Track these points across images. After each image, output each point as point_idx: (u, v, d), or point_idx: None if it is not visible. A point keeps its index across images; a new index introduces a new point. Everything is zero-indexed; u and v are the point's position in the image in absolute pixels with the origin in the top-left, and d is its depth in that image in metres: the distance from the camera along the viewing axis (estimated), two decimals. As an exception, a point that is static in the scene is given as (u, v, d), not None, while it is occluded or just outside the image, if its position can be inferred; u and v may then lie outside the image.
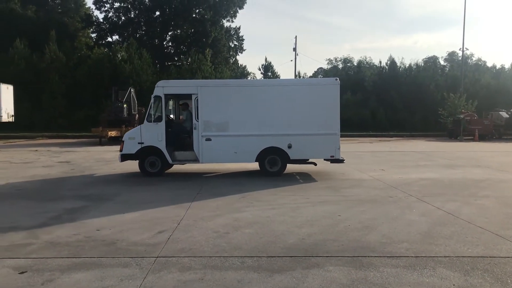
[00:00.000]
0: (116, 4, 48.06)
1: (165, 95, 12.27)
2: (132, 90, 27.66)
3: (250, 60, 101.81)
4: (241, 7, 49.68)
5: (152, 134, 12.20)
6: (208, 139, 12.20)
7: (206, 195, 9.76)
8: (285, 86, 12.74)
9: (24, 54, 36.99)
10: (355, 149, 21.48)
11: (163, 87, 12.27)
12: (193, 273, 5.08)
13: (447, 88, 38.47)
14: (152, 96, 12.15)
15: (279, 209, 8.30)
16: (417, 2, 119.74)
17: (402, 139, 30.27)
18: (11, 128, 31.40)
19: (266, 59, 46.88)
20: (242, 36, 51.69)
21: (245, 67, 50.54)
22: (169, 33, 49.82)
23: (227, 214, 7.89)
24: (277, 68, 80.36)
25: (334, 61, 57.82)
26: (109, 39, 49.10)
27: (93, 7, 49.25)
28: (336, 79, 12.59)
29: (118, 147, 21.46)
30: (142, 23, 48.74)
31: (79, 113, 34.98)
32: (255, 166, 12.98)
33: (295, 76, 46.15)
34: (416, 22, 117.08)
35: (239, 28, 51.34)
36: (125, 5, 48.03)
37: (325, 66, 63.14)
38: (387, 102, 40.07)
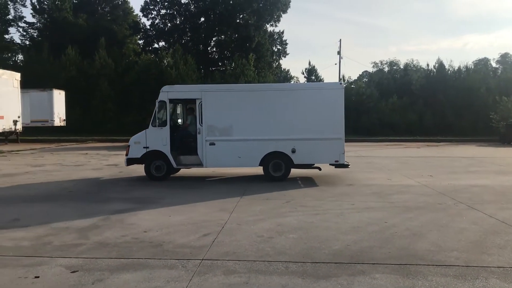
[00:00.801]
0: (163, 11, 49.23)
1: (170, 100, 12.43)
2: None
3: (293, 64, 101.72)
4: (284, 12, 49.74)
5: (157, 138, 12.37)
6: (212, 144, 12.31)
7: (249, 199, 9.79)
8: (289, 91, 12.85)
9: (76, 61, 38.48)
10: (402, 154, 20.98)
11: (168, 92, 12.43)
12: (238, 277, 5.11)
13: (499, 92, 36.90)
14: (157, 101, 12.39)
15: (323, 215, 8.21)
16: (467, 1, 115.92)
17: (451, 144, 29.31)
18: (63, 132, 32.75)
19: (309, 62, 46.94)
20: (286, 40, 51.76)
21: (288, 71, 50.58)
22: (214, 39, 50.51)
23: (271, 219, 7.88)
24: (321, 72, 79.74)
25: (379, 64, 56.89)
26: (156, 45, 50.34)
27: (140, 14, 50.67)
28: (340, 83, 12.61)
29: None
30: (187, 29, 49.67)
31: (126, 117, 35.98)
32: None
33: (339, 79, 45.70)
34: (466, 22, 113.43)
35: (282, 32, 51.43)
36: (171, 12, 49.12)
37: (370, 69, 62.27)
38: (434, 106, 38.91)
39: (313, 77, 42.33)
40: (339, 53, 48.92)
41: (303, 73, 43.21)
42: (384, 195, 10.31)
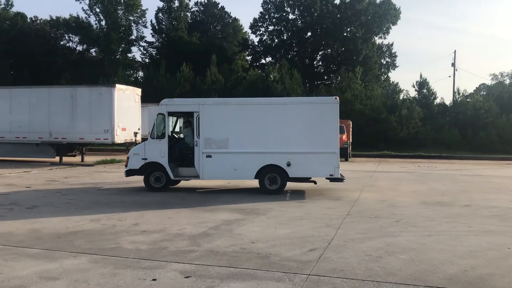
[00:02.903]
0: (271, 28, 50.52)
1: (169, 112, 12.68)
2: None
3: (403, 76, 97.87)
4: (394, 23, 48.32)
5: (155, 150, 12.60)
6: (209, 156, 12.37)
7: (357, 216, 9.55)
8: (285, 105, 12.88)
9: (189, 77, 40.83)
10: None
11: (166, 105, 12.71)
12: (346, 295, 4.99)
13: None
14: (156, 113, 12.72)
15: (437, 236, 7.74)
16: None
17: None
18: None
19: (421, 75, 44.48)
20: (395, 52, 50.19)
21: (397, 84, 48.78)
22: (320, 53, 50.62)
23: (379, 238, 7.61)
24: (433, 85, 75.86)
25: (499, 76, 52.64)
26: (263, 60, 51.79)
27: (249, 31, 52.49)
28: (336, 98, 12.62)
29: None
30: (294, 44, 50.39)
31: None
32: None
33: (454, 93, 43.08)
34: None
35: (391, 45, 49.99)
36: (278, 28, 50.22)
37: (488, 81, 57.86)
38: None
39: (425, 90, 40.33)
40: (453, 64, 46.14)
41: (413, 86, 41.41)
42: (507, 218, 9.45)
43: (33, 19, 50.78)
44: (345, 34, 48.08)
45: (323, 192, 12.98)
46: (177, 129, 14.17)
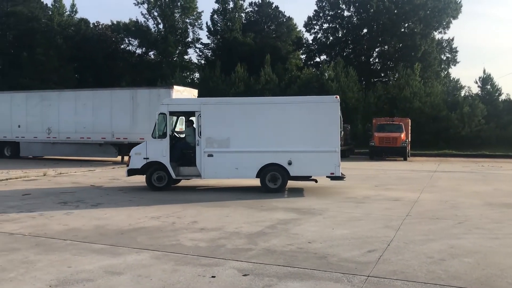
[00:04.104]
0: (325, 25, 49.97)
1: (170, 112, 12.66)
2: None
3: (465, 72, 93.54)
4: (455, 17, 46.37)
5: (156, 149, 12.59)
6: (210, 155, 12.42)
7: (417, 217, 9.27)
8: (285, 104, 13.03)
9: (243, 77, 41.18)
10: None
11: (168, 105, 12.78)
12: (407, 298, 4.86)
13: None
14: (157, 113, 12.69)
15: (504, 239, 7.37)
16: None
17: None
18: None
19: (484, 71, 42.36)
20: (456, 47, 48.13)
21: (458, 81, 46.82)
22: (376, 49, 49.50)
23: (442, 240, 7.35)
24: (498, 80, 72.23)
25: None
26: (317, 59, 51.32)
27: (303, 30, 52.20)
28: (336, 97, 12.61)
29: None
30: (349, 42, 49.60)
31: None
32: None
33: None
34: None
35: (452, 40, 47.97)
36: (333, 25, 49.60)
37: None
38: None
39: (489, 86, 38.48)
40: (520, 58, 43.67)
41: (476, 82, 39.61)
42: None
43: (96, 24, 53.12)
44: (402, 30, 46.70)
45: (380, 193, 12.70)
46: (177, 128, 14.23)
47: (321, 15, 49.77)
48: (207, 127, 12.57)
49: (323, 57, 50.67)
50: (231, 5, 52.32)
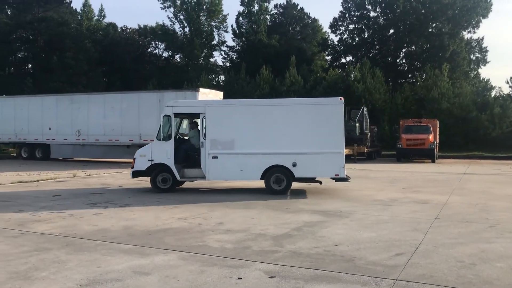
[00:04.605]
0: (351, 26, 49.57)
1: (174, 114, 12.71)
2: (364, 109, 27.97)
3: (495, 73, 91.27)
4: (485, 16, 45.33)
5: (161, 151, 12.62)
6: (215, 157, 12.46)
7: (446, 220, 9.09)
8: (290, 106, 13.09)
9: (268, 79, 41.17)
10: None
11: (172, 107, 12.79)
12: (437, 303, 4.77)
13: None
14: (162, 115, 12.73)
15: (538, 244, 7.16)
16: None
17: None
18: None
19: (515, 71, 41.44)
20: (486, 47, 47.05)
21: (488, 81, 45.81)
22: (403, 50, 48.82)
23: (472, 244, 7.19)
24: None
25: None
26: (343, 60, 50.95)
27: (329, 31, 51.93)
28: (340, 99, 12.55)
29: (350, 165, 21.94)
30: (375, 42, 49.06)
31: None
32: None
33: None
34: None
35: (482, 39, 46.92)
36: (359, 26, 49.16)
37: None
38: None
39: (520, 87, 37.50)
40: (553, 58, 42.41)
41: (507, 82, 38.77)
42: None
43: (123, 28, 54.11)
44: (430, 30, 45.92)
45: (408, 195, 12.51)
46: (181, 130, 14.22)
47: (346, 16, 49.40)
48: (212, 129, 12.62)
49: (349, 58, 50.33)
50: (256, 7, 52.44)
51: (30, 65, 53.38)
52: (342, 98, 12.75)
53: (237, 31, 52.94)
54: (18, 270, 5.92)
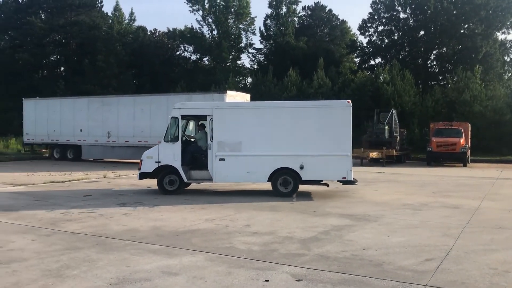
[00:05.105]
0: (380, 28, 49.00)
1: (182, 116, 12.76)
2: (394, 111, 27.58)
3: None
4: (519, 17, 44.10)
5: (168, 153, 12.64)
6: (222, 159, 12.44)
7: (478, 226, 8.87)
8: (297, 108, 12.98)
9: (296, 81, 41.05)
10: None
11: (180, 109, 12.83)
12: (469, 311, 4.66)
13: None
14: (169, 117, 12.73)
15: None
16: None
17: None
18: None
19: (551, 72, 40.14)
20: (521, 48, 45.76)
21: (523, 82, 44.49)
22: (434, 52, 47.94)
23: (506, 250, 7.00)
24: None
25: None
26: (372, 62, 50.42)
27: (357, 33, 51.51)
28: (348, 102, 12.60)
29: (378, 169, 21.68)
30: (405, 44, 48.31)
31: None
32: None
33: None
34: None
35: (516, 40, 45.65)
36: (389, 28, 48.52)
37: None
38: None
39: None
40: None
41: (543, 85, 37.49)
42: None
43: (153, 31, 54.93)
44: (462, 31, 44.95)
45: (439, 200, 12.26)
46: (187, 132, 14.19)
47: (375, 17, 48.84)
48: (219, 131, 12.62)
49: (378, 60, 49.75)
50: (284, 9, 52.45)
51: (62, 68, 54.86)
52: (350, 101, 12.76)
53: (265, 34, 53.03)
54: (50, 268, 6.07)
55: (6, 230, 8.33)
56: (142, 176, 13.27)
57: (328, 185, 13.06)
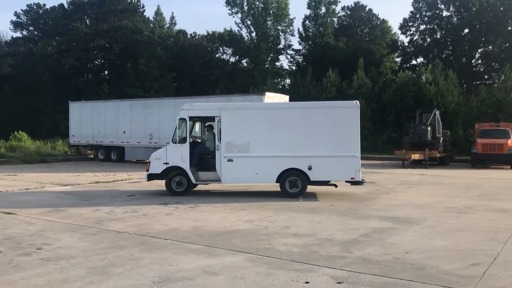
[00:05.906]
0: (422, 27, 47.87)
1: (190, 117, 12.76)
2: (437, 112, 26.86)
3: None
4: None
5: (176, 154, 12.66)
6: (230, 160, 12.43)
7: (528, 230, 8.52)
8: (305, 109, 13.05)
9: (335, 82, 40.67)
10: None
11: (188, 110, 12.84)
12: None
13: None
14: (178, 118, 12.77)
15: None
16: None
17: None
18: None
19: None
20: None
21: None
22: (479, 50, 46.38)
23: (558, 256, 6.69)
24: None
25: None
26: (414, 62, 49.31)
27: (398, 32, 50.53)
28: (356, 102, 12.60)
29: (421, 171, 21.18)
30: (448, 43, 46.99)
31: (382, 135, 36.09)
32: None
33: None
34: None
35: None
36: (431, 26, 47.34)
37: None
38: None
39: None
40: None
41: None
42: None
43: (193, 35, 55.82)
44: (509, 28, 43.33)
45: (485, 203, 11.85)
46: (193, 133, 14.09)
47: (417, 16, 47.76)
48: (227, 132, 12.61)
49: (420, 59, 48.53)
50: (323, 10, 52.05)
51: (106, 72, 56.60)
52: (358, 102, 12.76)
53: (304, 35, 52.79)
54: (96, 265, 6.28)
55: (54, 228, 8.67)
56: (150, 177, 13.33)
57: (336, 186, 12.97)
